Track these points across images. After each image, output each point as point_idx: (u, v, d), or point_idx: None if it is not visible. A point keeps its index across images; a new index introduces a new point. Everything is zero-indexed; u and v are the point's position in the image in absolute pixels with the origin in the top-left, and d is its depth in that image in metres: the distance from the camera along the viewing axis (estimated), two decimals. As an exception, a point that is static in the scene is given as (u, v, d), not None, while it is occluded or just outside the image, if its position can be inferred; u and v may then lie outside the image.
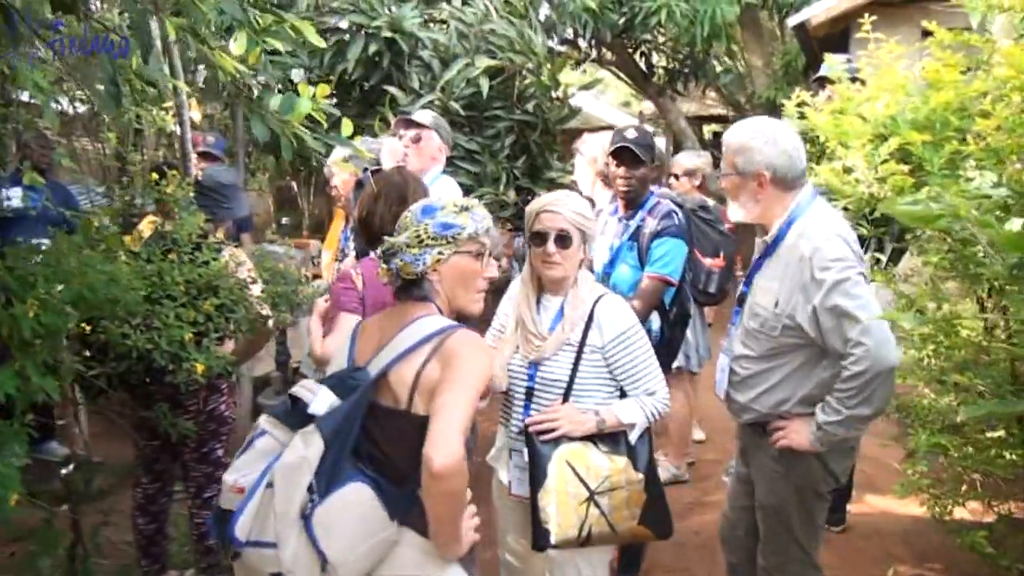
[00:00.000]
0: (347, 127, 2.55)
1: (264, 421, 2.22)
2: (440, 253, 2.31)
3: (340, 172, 4.63)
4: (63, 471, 3.92)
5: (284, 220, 7.52)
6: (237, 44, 2.11)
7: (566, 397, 2.89)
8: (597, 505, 2.76)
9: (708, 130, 17.11)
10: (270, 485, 2.05)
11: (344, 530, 2.06)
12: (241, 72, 2.27)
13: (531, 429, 2.82)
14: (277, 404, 2.26)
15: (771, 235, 2.95)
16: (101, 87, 2.20)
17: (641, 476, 2.82)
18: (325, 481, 2.04)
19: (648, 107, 15.64)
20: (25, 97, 4.97)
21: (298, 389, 2.19)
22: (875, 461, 5.40)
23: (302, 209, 12.60)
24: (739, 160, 2.91)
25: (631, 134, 3.79)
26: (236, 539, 2.05)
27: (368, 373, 2.22)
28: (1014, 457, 3.39)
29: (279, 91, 2.36)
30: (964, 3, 3.80)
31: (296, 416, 2.15)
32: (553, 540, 2.74)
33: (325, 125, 2.65)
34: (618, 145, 3.78)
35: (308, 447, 2.04)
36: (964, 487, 3.73)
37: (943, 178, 3.04)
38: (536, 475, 2.77)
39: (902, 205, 2.00)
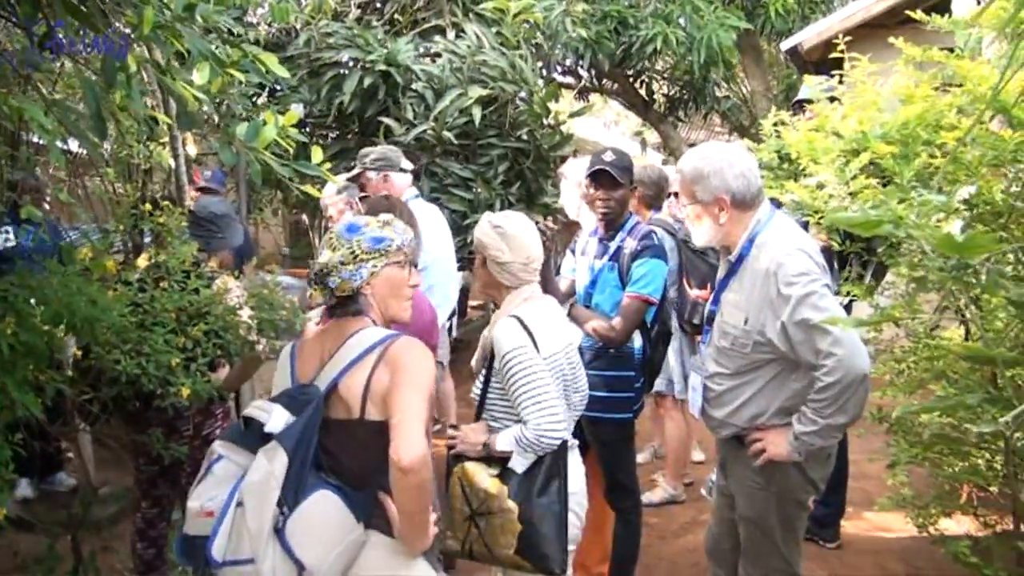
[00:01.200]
0: (316, 154, 2.64)
1: (219, 446, 2.28)
2: (374, 266, 2.42)
3: (335, 202, 4.77)
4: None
5: (285, 251, 7.63)
6: (200, 75, 2.21)
7: (478, 416, 3.00)
8: (476, 525, 2.81)
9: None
10: (240, 504, 2.13)
11: (317, 537, 2.15)
12: (202, 100, 2.36)
13: (444, 442, 3.00)
14: (227, 429, 2.37)
15: (734, 254, 3.00)
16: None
17: (514, 506, 2.76)
18: (292, 493, 2.13)
19: (658, 137, 15.76)
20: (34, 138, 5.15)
21: (250, 411, 2.26)
22: (872, 478, 5.40)
23: (312, 242, 12.75)
24: (697, 189, 2.96)
25: (608, 156, 3.85)
26: (214, 560, 2.13)
27: (317, 388, 2.30)
28: (998, 468, 3.41)
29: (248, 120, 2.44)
30: (945, 25, 3.86)
31: (252, 436, 2.23)
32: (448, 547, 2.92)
33: (291, 152, 2.73)
34: (595, 168, 3.84)
35: (272, 462, 2.12)
36: (953, 499, 3.75)
37: (911, 191, 3.10)
38: (443, 486, 2.95)
39: (842, 215, 2.06)
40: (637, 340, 3.83)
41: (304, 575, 2.13)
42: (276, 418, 2.18)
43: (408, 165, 4.56)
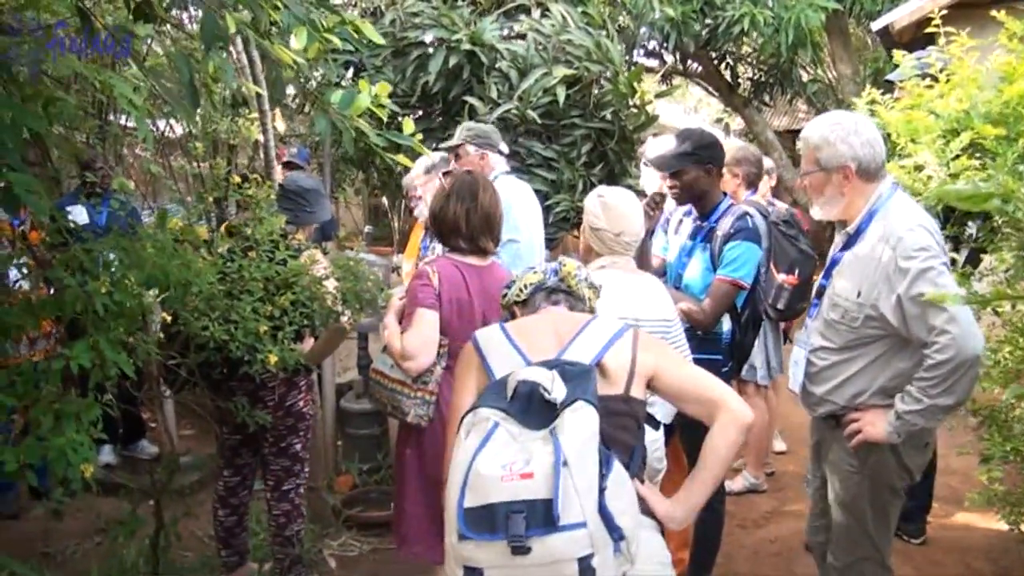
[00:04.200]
0: (408, 125, 2.63)
1: (493, 414, 2.03)
2: None
3: (424, 181, 4.77)
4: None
5: (367, 229, 7.67)
6: (297, 39, 2.20)
7: None
8: None
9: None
10: (565, 464, 1.91)
11: (627, 503, 2.01)
12: (300, 66, 2.36)
13: None
14: (486, 395, 2.11)
15: (853, 227, 2.95)
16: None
17: None
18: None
19: (741, 123, 15.51)
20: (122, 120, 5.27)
21: (527, 375, 2.08)
22: (960, 474, 5.26)
23: (391, 224, 12.87)
24: (822, 155, 2.91)
25: (651, 152, 3.88)
26: (558, 520, 1.86)
27: (582, 362, 2.20)
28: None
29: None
30: None
31: (520, 405, 2.05)
32: None
33: (385, 122, 2.72)
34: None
35: (587, 421, 1.97)
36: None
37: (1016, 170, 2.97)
38: None
39: (950, 187, 1.97)
40: (726, 323, 3.76)
41: (621, 544, 1.95)
42: (558, 387, 2.03)
43: (505, 149, 4.55)
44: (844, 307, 2.91)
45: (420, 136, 2.86)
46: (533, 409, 2.02)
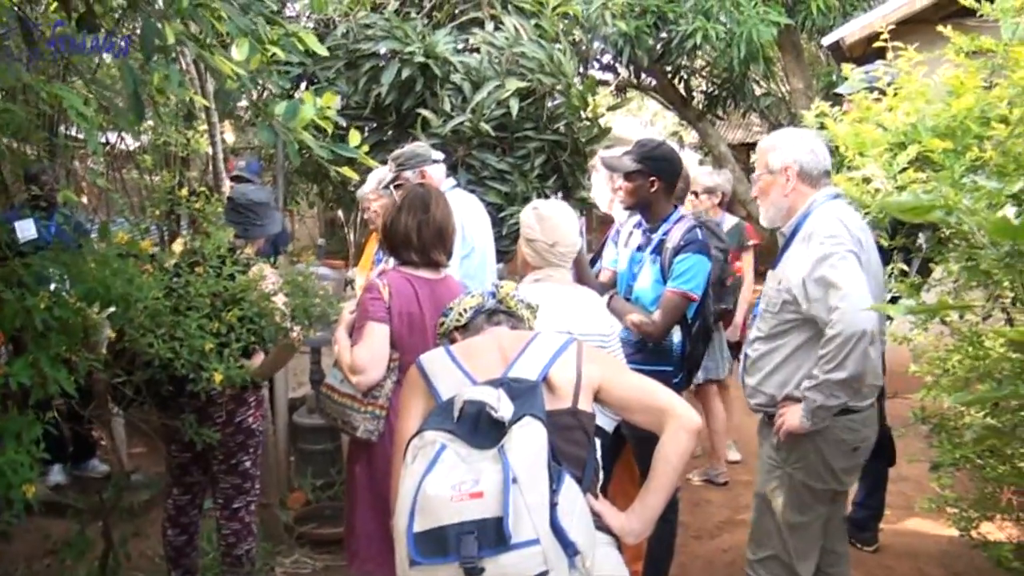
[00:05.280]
0: (354, 138, 2.62)
1: (440, 436, 2.00)
2: None
3: (379, 195, 4.74)
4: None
5: (321, 242, 7.62)
6: (239, 51, 2.19)
7: None
8: None
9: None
10: (514, 481, 1.89)
11: (579, 517, 1.98)
12: (243, 78, 2.34)
13: None
14: (431, 418, 2.09)
15: (788, 227, 3.16)
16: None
17: None
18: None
19: (695, 136, 15.63)
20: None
21: (473, 395, 2.05)
22: (912, 481, 5.32)
23: (347, 238, 12.79)
24: (770, 157, 3.17)
25: (606, 153, 4.00)
26: (509, 538, 1.84)
27: (528, 378, 2.19)
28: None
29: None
30: (991, 14, 3.78)
31: (467, 426, 2.01)
32: None
33: (330, 134, 2.71)
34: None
35: (536, 436, 1.96)
36: (995, 503, 3.66)
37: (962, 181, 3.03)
38: None
39: (893, 199, 2.00)
40: (676, 335, 3.78)
41: (576, 560, 1.93)
42: (504, 405, 2.00)
43: (439, 156, 4.53)
44: (768, 295, 3.14)
45: (367, 149, 2.84)
46: (481, 429, 2.00)
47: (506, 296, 2.53)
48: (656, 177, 3.80)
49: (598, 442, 3.21)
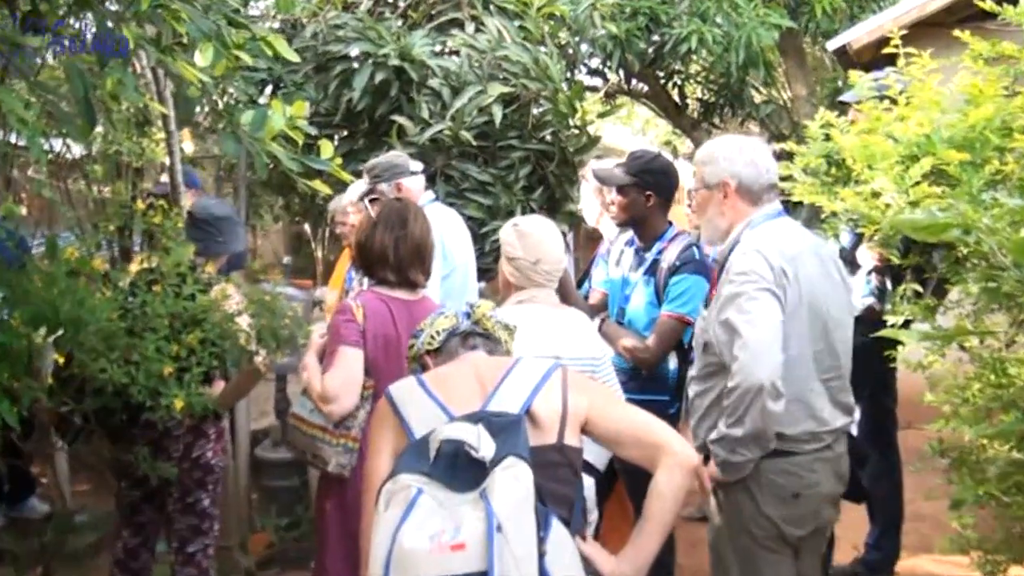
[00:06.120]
0: (326, 149, 2.61)
1: (413, 480, 1.98)
2: None
3: (358, 207, 4.72)
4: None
5: (286, 260, 7.59)
6: (203, 56, 2.17)
7: None
8: None
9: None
10: (498, 529, 1.87)
11: (570, 565, 2.00)
12: (205, 84, 2.33)
13: None
14: (404, 459, 2.07)
15: (725, 249, 3.05)
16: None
17: None
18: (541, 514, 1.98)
19: (690, 146, 15.71)
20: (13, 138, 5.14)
21: (450, 433, 2.04)
22: (930, 520, 5.31)
23: (314, 254, 12.77)
24: (706, 171, 3.04)
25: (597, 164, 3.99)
26: None
27: (509, 412, 2.17)
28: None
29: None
30: (1015, 18, 3.79)
31: (443, 466, 2.00)
32: None
33: (299, 148, 2.70)
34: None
35: (520, 479, 1.94)
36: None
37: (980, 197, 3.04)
38: None
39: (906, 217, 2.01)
40: (672, 362, 3.77)
41: None
42: (485, 444, 1.98)
43: (417, 166, 4.52)
44: (696, 333, 3.10)
45: (339, 160, 2.84)
46: (460, 470, 1.98)
47: (482, 317, 2.50)
48: (651, 192, 3.81)
49: (590, 480, 3.23)
